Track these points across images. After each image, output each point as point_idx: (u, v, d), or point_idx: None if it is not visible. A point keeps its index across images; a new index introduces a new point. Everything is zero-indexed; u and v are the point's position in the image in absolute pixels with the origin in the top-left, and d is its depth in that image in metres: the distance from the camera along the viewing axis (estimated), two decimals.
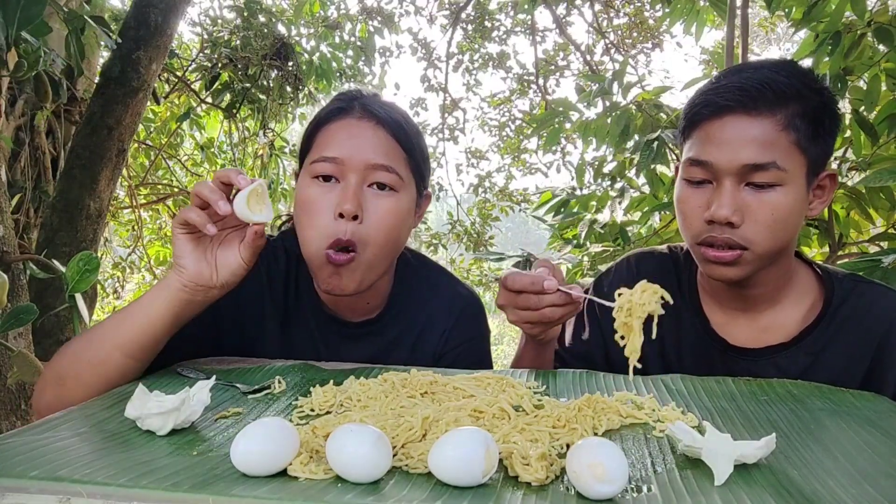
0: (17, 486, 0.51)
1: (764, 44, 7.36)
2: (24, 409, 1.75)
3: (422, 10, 6.28)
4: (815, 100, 0.91)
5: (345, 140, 0.95)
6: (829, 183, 0.97)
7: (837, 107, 0.96)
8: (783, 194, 0.90)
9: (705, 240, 0.94)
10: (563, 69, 6.66)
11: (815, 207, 0.97)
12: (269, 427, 0.56)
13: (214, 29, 4.24)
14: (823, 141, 0.92)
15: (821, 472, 0.58)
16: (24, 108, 2.84)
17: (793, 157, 0.90)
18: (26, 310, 1.32)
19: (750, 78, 0.91)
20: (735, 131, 0.90)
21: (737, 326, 1.03)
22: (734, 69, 0.96)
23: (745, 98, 0.90)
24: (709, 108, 0.92)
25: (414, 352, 1.07)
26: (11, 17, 1.28)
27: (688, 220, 0.97)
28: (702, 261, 0.97)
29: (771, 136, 0.89)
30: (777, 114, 0.89)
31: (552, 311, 0.90)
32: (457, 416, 0.66)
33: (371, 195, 0.94)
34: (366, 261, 0.95)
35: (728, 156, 0.90)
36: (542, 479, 0.54)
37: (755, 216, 0.90)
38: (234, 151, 4.78)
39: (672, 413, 0.73)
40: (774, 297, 1.01)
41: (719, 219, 0.91)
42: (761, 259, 0.93)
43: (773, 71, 0.91)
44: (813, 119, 0.90)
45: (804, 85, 0.91)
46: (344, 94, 1.03)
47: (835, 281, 1.01)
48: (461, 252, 6.84)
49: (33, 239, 2.87)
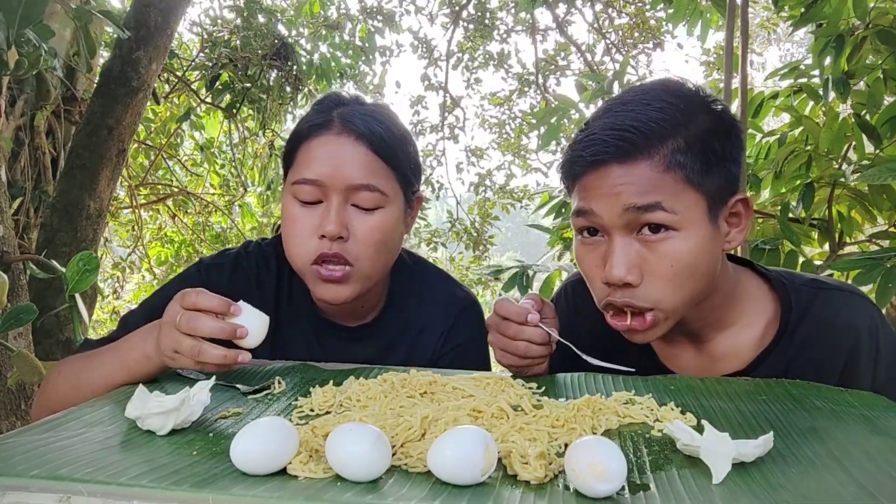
0: (18, 486, 0.51)
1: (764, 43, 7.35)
2: (23, 409, 1.76)
3: (422, 9, 6.28)
4: (699, 126, 0.82)
5: (325, 160, 0.93)
6: (744, 208, 0.87)
7: (732, 120, 0.86)
8: (682, 240, 0.81)
9: (606, 305, 0.86)
10: (564, 69, 6.66)
11: (733, 238, 0.87)
12: (268, 427, 0.56)
13: (214, 29, 4.24)
14: (719, 168, 0.83)
15: (819, 471, 0.58)
16: (23, 108, 2.84)
17: (683, 196, 0.80)
18: (26, 310, 1.32)
19: (615, 123, 0.82)
20: (612, 180, 0.81)
21: (685, 358, 0.96)
22: (605, 108, 0.86)
23: (614, 148, 0.81)
24: (580, 164, 0.84)
25: (411, 354, 1.06)
26: (12, 17, 1.28)
27: (589, 282, 0.89)
28: (617, 329, 0.87)
29: (652, 180, 0.80)
30: (653, 155, 0.80)
31: (527, 346, 0.86)
32: (456, 415, 0.67)
33: (355, 212, 0.94)
34: (359, 272, 0.95)
35: (610, 202, 0.81)
36: (540, 478, 0.55)
37: (653, 271, 0.82)
38: (234, 151, 4.78)
39: (671, 413, 0.73)
40: (720, 322, 0.92)
41: (614, 280, 0.82)
42: (675, 314, 0.85)
43: (644, 104, 0.82)
44: (700, 149, 0.81)
45: (684, 112, 0.82)
46: (323, 104, 1.00)
47: (791, 292, 0.92)
48: (461, 251, 6.85)
49: (33, 239, 2.87)
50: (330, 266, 0.93)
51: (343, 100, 1.00)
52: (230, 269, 1.06)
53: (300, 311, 1.06)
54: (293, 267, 0.97)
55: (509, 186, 7.06)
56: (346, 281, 0.94)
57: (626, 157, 0.81)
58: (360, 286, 0.96)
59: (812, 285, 0.93)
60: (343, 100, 1.00)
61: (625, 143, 0.81)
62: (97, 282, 3.61)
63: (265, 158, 4.64)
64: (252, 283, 1.06)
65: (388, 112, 1.01)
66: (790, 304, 0.91)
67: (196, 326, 0.75)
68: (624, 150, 0.81)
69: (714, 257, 0.85)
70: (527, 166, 7.09)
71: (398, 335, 1.07)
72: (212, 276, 1.05)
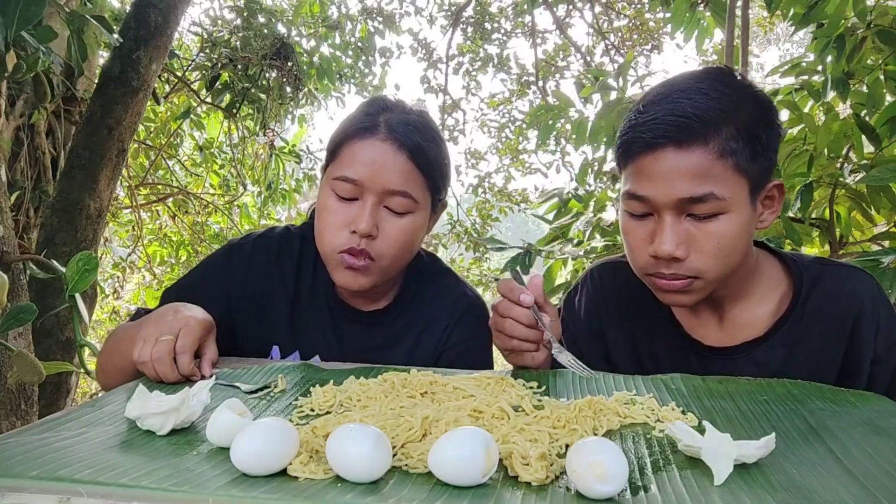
0: (17, 486, 0.51)
1: (764, 44, 7.35)
2: (23, 409, 1.75)
3: (422, 10, 6.28)
4: (749, 114, 0.87)
5: (367, 162, 1.00)
6: (777, 193, 0.95)
7: (774, 111, 0.92)
8: (726, 222, 0.87)
9: (653, 275, 0.93)
10: (563, 70, 6.66)
11: (766, 219, 0.95)
12: (269, 427, 0.56)
13: (214, 29, 4.24)
14: (763, 157, 0.88)
15: (820, 471, 0.58)
16: (23, 109, 2.83)
17: (732, 182, 0.86)
18: (26, 310, 1.32)
19: (676, 109, 0.86)
20: (668, 165, 0.86)
21: (709, 327, 1.03)
22: (661, 93, 0.90)
23: (674, 132, 0.85)
24: (637, 144, 0.89)
25: (417, 345, 1.11)
26: (11, 18, 1.28)
27: (633, 253, 0.95)
28: (654, 289, 0.96)
29: (705, 167, 0.85)
30: (709, 142, 0.85)
31: (512, 324, 0.91)
32: (456, 416, 0.67)
33: (386, 214, 1.01)
34: (380, 267, 1.02)
35: (664, 191, 0.87)
36: (542, 479, 0.55)
37: (700, 247, 0.88)
38: (234, 151, 4.78)
39: (672, 413, 0.73)
40: (741, 295, 1.00)
41: (663, 255, 0.88)
42: (713, 283, 0.92)
43: (702, 93, 0.87)
44: (750, 137, 0.86)
45: (736, 102, 0.87)
46: (372, 107, 1.06)
47: (802, 269, 1.00)
48: (461, 252, 6.85)
49: (33, 239, 2.87)
50: (354, 257, 1.00)
51: (389, 105, 1.06)
52: (249, 249, 1.14)
53: (319, 291, 1.12)
54: (320, 251, 1.05)
55: (508, 189, 7.07)
56: (366, 272, 1.01)
57: (684, 142, 0.85)
58: (378, 279, 1.04)
59: (819, 262, 1.02)
60: (389, 105, 1.06)
61: (684, 128, 0.85)
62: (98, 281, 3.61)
63: (265, 159, 4.64)
64: (272, 262, 1.12)
65: (428, 120, 1.08)
66: (801, 279, 0.99)
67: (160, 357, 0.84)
68: (682, 136, 0.85)
69: (750, 236, 0.93)
70: (525, 169, 7.09)
71: (407, 325, 1.12)
72: (233, 257, 1.13)
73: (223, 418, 0.61)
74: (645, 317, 1.05)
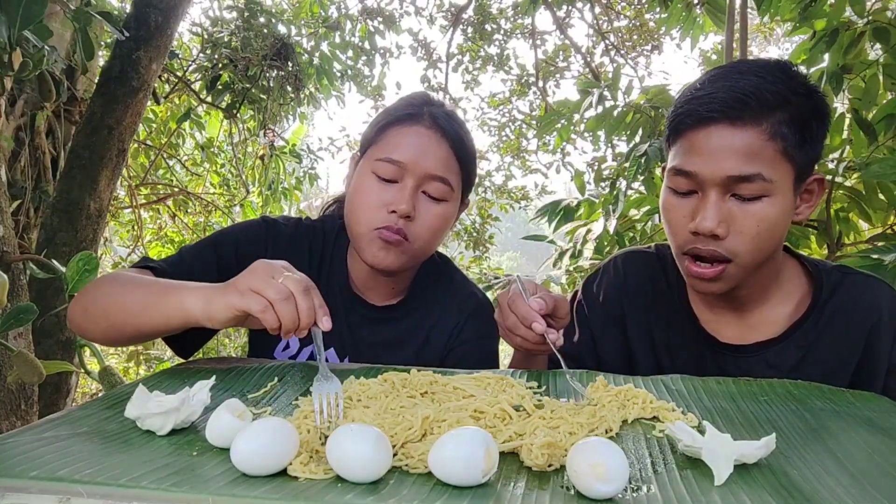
0: (17, 486, 0.51)
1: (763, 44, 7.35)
2: (23, 409, 1.75)
3: (422, 10, 6.28)
4: (803, 104, 0.89)
5: (411, 146, 1.03)
6: (818, 187, 0.96)
7: (827, 108, 0.93)
8: (769, 205, 0.89)
9: (690, 251, 0.93)
10: (563, 70, 6.66)
11: (802, 212, 0.96)
12: (268, 427, 0.56)
13: (215, 29, 4.23)
14: (811, 146, 0.90)
15: (821, 472, 0.58)
16: (24, 108, 2.83)
17: (779, 166, 0.88)
18: (26, 310, 1.32)
19: (734, 86, 0.88)
20: (719, 142, 0.88)
21: (726, 324, 1.04)
22: (720, 73, 0.93)
23: (729, 108, 0.87)
24: (692, 118, 0.90)
25: (427, 341, 1.13)
26: (14, 17, 1.28)
27: (673, 229, 0.96)
28: (686, 274, 0.97)
29: (756, 147, 0.86)
30: (762, 123, 0.87)
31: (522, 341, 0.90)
32: (458, 416, 0.67)
33: (424, 199, 1.04)
34: (413, 249, 1.05)
35: (712, 167, 0.88)
36: (542, 466, 0.56)
37: (740, 228, 0.89)
38: (234, 151, 4.78)
39: (672, 413, 0.73)
40: (762, 295, 1.01)
41: (704, 231, 0.89)
42: (745, 270, 0.93)
43: (759, 77, 0.88)
44: (801, 125, 0.88)
45: (792, 89, 0.88)
46: (415, 99, 1.11)
47: (823, 274, 1.01)
48: (461, 251, 6.85)
49: (33, 239, 2.87)
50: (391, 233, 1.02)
51: (431, 100, 1.11)
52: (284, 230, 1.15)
53: (335, 284, 1.14)
54: (354, 231, 1.06)
55: (508, 187, 7.07)
56: (399, 248, 1.03)
57: (738, 119, 0.87)
58: (407, 260, 1.06)
59: (841, 270, 1.03)
60: (431, 100, 1.11)
61: (739, 105, 0.86)
62: None
63: (266, 159, 4.63)
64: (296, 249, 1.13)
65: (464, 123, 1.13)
66: (821, 284, 1.00)
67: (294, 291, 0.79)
68: (737, 113, 0.87)
69: (787, 226, 0.94)
70: (526, 167, 7.09)
71: (418, 321, 1.14)
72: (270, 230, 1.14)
73: (222, 420, 0.61)
74: (663, 307, 1.07)
